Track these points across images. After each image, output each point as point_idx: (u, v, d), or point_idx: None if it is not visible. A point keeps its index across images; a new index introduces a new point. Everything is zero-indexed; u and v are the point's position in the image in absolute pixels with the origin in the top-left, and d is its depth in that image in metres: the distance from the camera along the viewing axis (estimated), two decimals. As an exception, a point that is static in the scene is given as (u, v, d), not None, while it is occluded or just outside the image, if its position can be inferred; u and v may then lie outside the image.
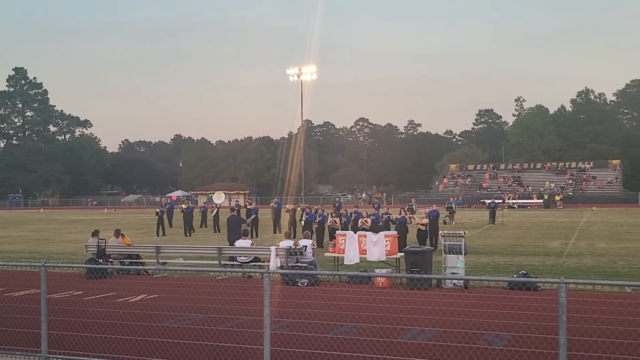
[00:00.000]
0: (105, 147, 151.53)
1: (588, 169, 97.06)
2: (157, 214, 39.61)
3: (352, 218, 30.48)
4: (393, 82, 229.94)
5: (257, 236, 34.05)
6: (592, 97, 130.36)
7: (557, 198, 78.89)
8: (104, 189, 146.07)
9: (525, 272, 17.66)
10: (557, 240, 30.37)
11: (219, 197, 52.66)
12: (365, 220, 28.10)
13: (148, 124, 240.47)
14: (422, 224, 26.92)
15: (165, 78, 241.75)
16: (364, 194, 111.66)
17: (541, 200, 77.44)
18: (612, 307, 13.76)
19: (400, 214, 27.94)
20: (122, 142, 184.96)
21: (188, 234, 37.44)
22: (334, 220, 29.45)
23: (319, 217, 29.97)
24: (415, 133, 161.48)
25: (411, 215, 28.89)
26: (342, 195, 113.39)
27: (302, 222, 29.81)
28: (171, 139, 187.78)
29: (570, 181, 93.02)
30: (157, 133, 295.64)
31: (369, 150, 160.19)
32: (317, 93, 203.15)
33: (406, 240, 25.27)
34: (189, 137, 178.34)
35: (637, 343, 10.52)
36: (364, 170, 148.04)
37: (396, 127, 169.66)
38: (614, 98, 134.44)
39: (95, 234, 21.67)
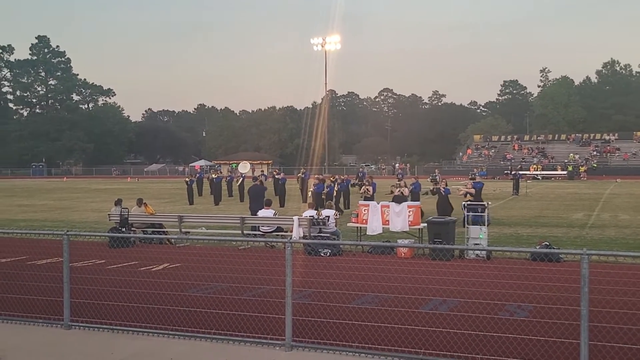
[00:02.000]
0: (129, 116, 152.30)
1: (613, 141, 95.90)
2: (186, 183, 40.49)
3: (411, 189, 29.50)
4: (418, 52, 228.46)
5: (283, 206, 34.23)
6: (618, 69, 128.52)
7: (582, 169, 78.13)
8: (127, 158, 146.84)
9: (548, 243, 17.56)
10: (580, 212, 30.13)
11: (244, 167, 52.90)
12: (402, 191, 27.51)
13: (172, 94, 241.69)
14: (470, 193, 25.46)
15: (189, 48, 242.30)
16: (386, 166, 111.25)
17: (565, 172, 76.79)
18: (634, 279, 13.67)
19: (445, 185, 26.93)
20: (146, 111, 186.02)
21: (217, 203, 37.89)
22: (367, 189, 29.50)
23: (327, 188, 30.09)
24: (439, 104, 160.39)
25: (457, 187, 28.09)
26: (365, 165, 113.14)
27: (310, 193, 30.02)
28: (195, 109, 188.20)
29: (595, 153, 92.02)
30: (180, 102, 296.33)
31: (393, 121, 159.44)
32: (341, 63, 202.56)
33: (451, 213, 24.90)
34: (212, 107, 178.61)
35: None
36: (387, 140, 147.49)
37: (420, 97, 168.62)
38: (639, 69, 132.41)
39: (118, 203, 21.85)
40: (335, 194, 31.08)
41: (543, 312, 10.76)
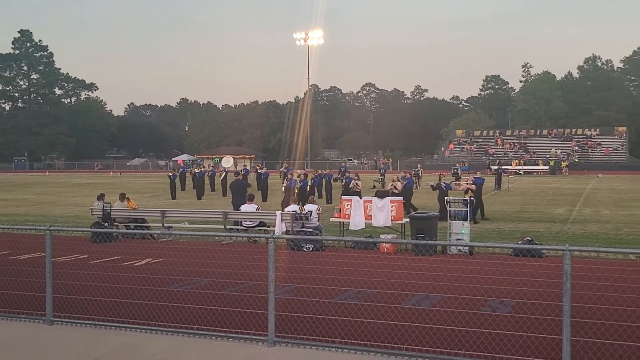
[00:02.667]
0: (111, 111, 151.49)
1: (594, 136, 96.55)
2: (169, 177, 40.58)
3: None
4: (400, 47, 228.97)
5: (265, 200, 34.20)
6: (599, 64, 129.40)
7: (563, 164, 78.63)
8: (110, 152, 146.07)
9: (530, 238, 17.67)
10: (562, 207, 30.33)
11: (227, 162, 52.83)
12: (395, 185, 27.45)
13: (154, 88, 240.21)
14: (471, 189, 25.14)
15: (172, 42, 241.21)
16: (368, 160, 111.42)
17: (547, 167, 77.25)
18: (616, 275, 13.78)
19: (441, 181, 26.50)
20: (128, 105, 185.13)
21: (199, 198, 37.82)
22: (356, 184, 29.93)
23: (300, 182, 30.32)
24: (421, 98, 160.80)
25: (457, 182, 27.89)
26: (348, 160, 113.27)
27: (283, 188, 30.30)
28: (177, 103, 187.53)
29: (576, 148, 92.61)
30: (163, 97, 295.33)
31: (375, 116, 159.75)
32: (324, 58, 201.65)
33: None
34: (195, 101, 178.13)
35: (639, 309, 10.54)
36: (370, 135, 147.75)
37: (403, 92, 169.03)
38: (621, 65, 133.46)
39: (100, 197, 21.70)
40: (308, 188, 31.24)
41: (525, 308, 10.83)
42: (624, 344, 8.71)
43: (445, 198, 20.23)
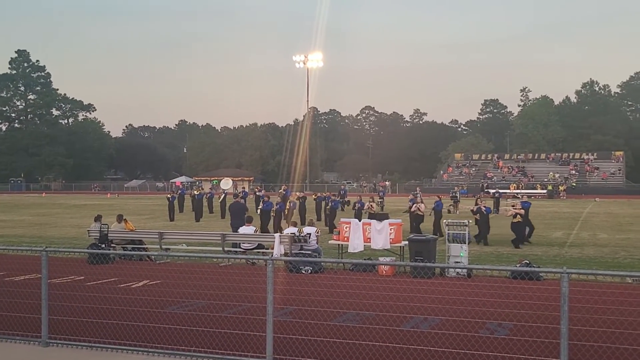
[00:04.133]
0: (109, 132, 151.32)
1: (591, 160, 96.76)
2: (168, 199, 40.54)
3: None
4: (399, 70, 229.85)
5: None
6: (597, 89, 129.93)
7: (561, 188, 78.67)
8: (108, 173, 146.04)
9: (528, 261, 17.65)
10: (560, 231, 30.33)
11: (226, 184, 52.86)
12: (418, 207, 28.14)
13: (153, 109, 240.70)
14: (520, 214, 24.32)
15: (170, 63, 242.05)
16: (367, 183, 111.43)
17: (545, 191, 77.30)
18: (613, 298, 13.78)
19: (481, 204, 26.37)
20: (126, 126, 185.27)
21: (197, 220, 37.78)
22: (371, 205, 31.05)
23: (277, 205, 31.03)
24: (420, 122, 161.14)
25: (505, 208, 27.54)
26: (347, 183, 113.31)
27: (258, 211, 30.63)
28: (176, 125, 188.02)
29: (574, 172, 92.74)
30: (161, 118, 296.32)
31: (375, 139, 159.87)
32: (323, 80, 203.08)
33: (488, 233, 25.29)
34: (193, 123, 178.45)
35: (637, 333, 10.52)
36: (369, 158, 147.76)
37: (402, 115, 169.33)
38: (618, 90, 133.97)
39: (97, 219, 21.65)
40: (287, 211, 32.22)
41: (523, 330, 10.81)
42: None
43: (444, 220, 20.20)
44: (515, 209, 24.50)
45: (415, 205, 28.32)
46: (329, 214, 31.93)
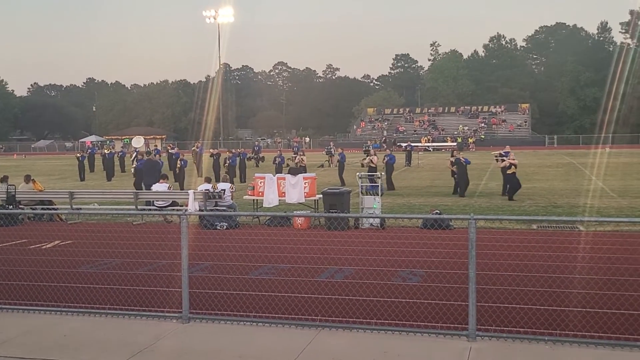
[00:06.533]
0: (13, 91, 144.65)
1: (499, 113, 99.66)
2: (78, 159, 39.52)
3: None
4: (311, 25, 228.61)
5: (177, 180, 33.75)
6: (504, 43, 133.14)
7: (470, 141, 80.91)
8: (13, 134, 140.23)
9: (439, 211, 18.16)
10: (469, 182, 31.17)
11: (138, 142, 51.83)
12: (371, 159, 28.13)
13: (59, 68, 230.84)
14: (514, 165, 23.80)
15: (76, 19, 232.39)
16: (281, 140, 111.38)
17: (455, 143, 79.27)
18: (518, 242, 14.37)
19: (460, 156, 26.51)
20: (32, 85, 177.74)
21: (109, 179, 37.02)
22: (302, 159, 33.20)
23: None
24: (333, 77, 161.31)
25: (500, 157, 26.83)
26: (261, 139, 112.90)
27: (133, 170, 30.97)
28: (83, 83, 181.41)
29: (483, 124, 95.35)
30: (68, 77, 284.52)
31: (288, 95, 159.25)
32: (235, 36, 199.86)
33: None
34: (102, 81, 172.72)
35: (540, 275, 11.05)
36: (283, 114, 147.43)
37: (315, 71, 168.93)
38: (524, 44, 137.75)
39: (4, 179, 20.87)
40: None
41: (434, 276, 11.19)
42: (525, 307, 9.14)
43: (357, 174, 20.46)
44: (510, 159, 24.14)
45: (368, 157, 28.61)
46: (228, 170, 31.69)
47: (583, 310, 8.98)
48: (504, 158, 25.26)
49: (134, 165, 31.99)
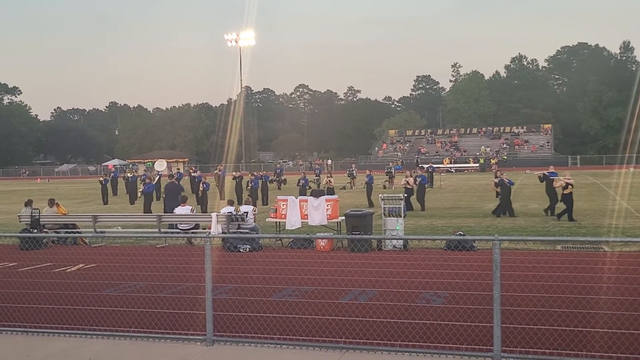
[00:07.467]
0: (37, 116, 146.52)
1: (521, 133, 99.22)
2: (101, 182, 39.81)
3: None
4: (332, 48, 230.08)
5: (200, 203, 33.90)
6: (525, 63, 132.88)
7: (493, 162, 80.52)
8: (37, 158, 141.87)
9: (462, 233, 18.07)
10: (492, 203, 30.89)
11: (160, 165, 52.03)
12: (407, 181, 28.75)
13: (82, 92, 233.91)
14: (571, 184, 22.86)
15: (99, 44, 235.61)
16: (303, 162, 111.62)
17: (477, 164, 79.00)
18: (542, 264, 14.24)
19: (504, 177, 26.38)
20: (55, 110, 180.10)
21: (132, 202, 37.30)
22: (329, 181, 32.90)
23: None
24: (354, 99, 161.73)
25: (552, 177, 26.20)
26: (283, 162, 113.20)
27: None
28: (106, 107, 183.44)
29: (505, 145, 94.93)
30: (91, 101, 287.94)
31: (309, 117, 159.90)
32: (256, 59, 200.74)
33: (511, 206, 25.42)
34: (124, 105, 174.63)
35: (565, 297, 10.93)
36: (304, 136, 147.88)
37: (336, 93, 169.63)
38: (545, 64, 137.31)
39: (28, 203, 21.11)
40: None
41: (458, 298, 11.10)
42: (550, 328, 9.04)
43: (380, 195, 20.40)
44: (566, 179, 23.05)
45: (404, 179, 29.22)
46: (251, 193, 31.81)
47: (609, 331, 8.86)
48: (553, 178, 24.93)
49: (141, 189, 32.29)
